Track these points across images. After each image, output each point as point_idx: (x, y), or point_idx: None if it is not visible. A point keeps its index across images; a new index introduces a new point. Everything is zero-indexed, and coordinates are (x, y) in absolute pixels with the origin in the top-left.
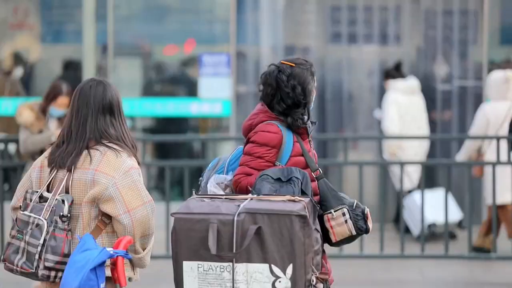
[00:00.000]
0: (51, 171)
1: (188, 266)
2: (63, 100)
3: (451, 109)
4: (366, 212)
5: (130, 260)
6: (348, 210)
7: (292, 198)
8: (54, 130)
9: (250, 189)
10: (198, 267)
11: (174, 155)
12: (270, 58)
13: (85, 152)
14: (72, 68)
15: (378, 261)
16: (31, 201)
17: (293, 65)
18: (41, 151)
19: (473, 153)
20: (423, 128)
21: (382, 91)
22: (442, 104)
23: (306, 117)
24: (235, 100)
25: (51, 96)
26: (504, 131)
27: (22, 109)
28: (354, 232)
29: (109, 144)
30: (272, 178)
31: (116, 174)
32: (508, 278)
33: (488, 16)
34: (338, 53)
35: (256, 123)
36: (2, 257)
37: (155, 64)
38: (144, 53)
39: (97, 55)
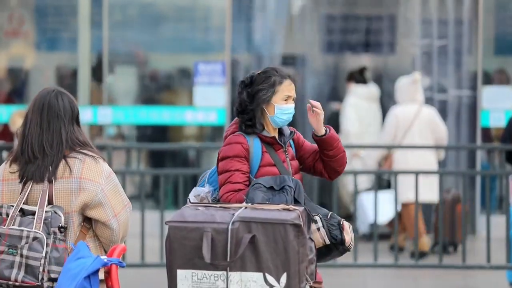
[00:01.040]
0: (25, 185)
1: (182, 275)
2: None
3: (446, 119)
4: (342, 223)
5: None
6: (321, 218)
7: (287, 207)
8: None
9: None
10: (192, 276)
11: (168, 164)
12: (265, 67)
13: (62, 161)
14: (67, 76)
15: (372, 271)
16: (8, 216)
17: (257, 74)
18: None
19: (382, 159)
20: (376, 134)
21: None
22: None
23: (260, 125)
24: (230, 109)
25: None
26: (414, 133)
27: (16, 117)
28: (327, 241)
29: (84, 151)
30: (265, 186)
31: (102, 180)
32: None
33: (482, 26)
34: (333, 62)
35: (230, 134)
36: None
37: (150, 72)
38: (139, 61)
39: (92, 62)
